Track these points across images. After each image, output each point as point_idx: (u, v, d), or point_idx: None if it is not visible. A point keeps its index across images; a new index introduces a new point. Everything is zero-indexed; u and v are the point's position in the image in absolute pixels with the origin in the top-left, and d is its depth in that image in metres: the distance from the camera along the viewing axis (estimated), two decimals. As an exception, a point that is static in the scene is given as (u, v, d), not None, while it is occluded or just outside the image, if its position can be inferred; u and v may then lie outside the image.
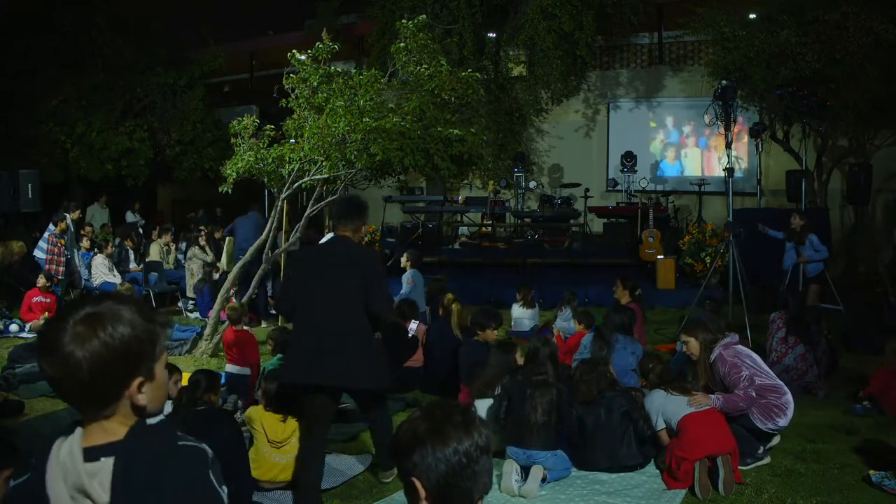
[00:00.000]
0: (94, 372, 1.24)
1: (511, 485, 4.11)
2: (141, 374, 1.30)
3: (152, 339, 1.32)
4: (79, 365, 1.24)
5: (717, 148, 14.69)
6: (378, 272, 3.81)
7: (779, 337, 6.10)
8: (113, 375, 1.26)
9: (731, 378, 4.43)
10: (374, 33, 14.32)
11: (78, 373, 1.24)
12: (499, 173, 14.36)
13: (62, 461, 1.28)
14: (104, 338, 1.25)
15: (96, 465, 1.27)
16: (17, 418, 5.36)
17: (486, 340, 5.52)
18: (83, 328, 1.25)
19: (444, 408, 1.41)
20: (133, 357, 1.28)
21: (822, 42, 10.65)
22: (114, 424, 1.30)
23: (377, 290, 3.66)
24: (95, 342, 1.24)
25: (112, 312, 1.28)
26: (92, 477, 1.26)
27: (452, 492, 1.34)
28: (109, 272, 9.57)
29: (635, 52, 15.96)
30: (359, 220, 3.89)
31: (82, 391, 1.27)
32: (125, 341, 1.27)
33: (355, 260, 3.73)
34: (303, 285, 3.76)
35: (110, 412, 1.29)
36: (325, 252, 3.91)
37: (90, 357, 1.24)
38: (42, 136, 12.62)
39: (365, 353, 3.69)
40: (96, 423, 1.30)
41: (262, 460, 4.04)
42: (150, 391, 1.32)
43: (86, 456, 1.28)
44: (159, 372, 1.35)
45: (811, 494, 3.97)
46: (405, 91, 7.25)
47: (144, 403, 1.31)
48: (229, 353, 6.07)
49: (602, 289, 9.52)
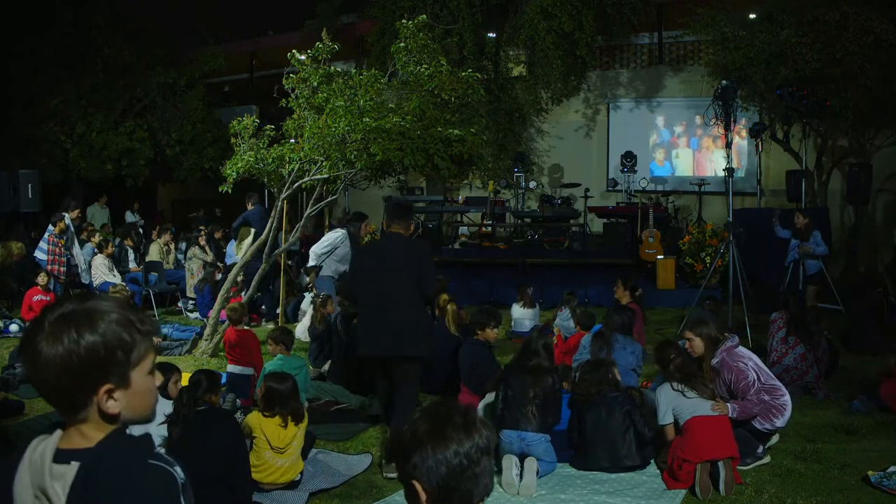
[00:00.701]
0: (59, 375, 1.23)
1: (512, 479, 4.12)
2: (110, 382, 1.26)
3: (125, 346, 1.27)
4: (46, 366, 1.23)
5: (708, 149, 14.71)
6: (428, 260, 4.57)
7: (779, 337, 6.10)
8: (77, 380, 1.24)
9: (739, 385, 4.41)
10: (374, 33, 14.31)
11: (45, 373, 1.23)
12: (499, 173, 14.35)
13: (34, 459, 1.27)
14: (68, 343, 1.23)
15: (64, 467, 1.25)
16: (17, 418, 5.37)
17: (487, 340, 5.52)
18: (54, 329, 1.24)
19: (445, 409, 1.40)
20: (99, 364, 1.24)
21: (822, 42, 10.65)
22: (91, 430, 1.28)
23: (429, 275, 4.42)
24: (60, 347, 1.22)
25: (85, 316, 1.25)
26: (55, 479, 1.24)
27: (453, 494, 1.33)
28: (109, 272, 9.56)
29: (635, 52, 15.96)
30: (409, 220, 4.64)
31: (51, 392, 1.26)
32: (90, 347, 1.23)
33: (410, 251, 4.45)
34: (367, 274, 4.48)
35: (83, 417, 1.27)
36: (384, 246, 4.69)
37: (55, 359, 1.22)
38: (42, 136, 12.62)
39: (418, 327, 4.42)
40: (74, 426, 1.28)
41: (264, 465, 4.03)
42: (124, 399, 1.28)
43: (57, 457, 1.26)
44: (138, 379, 1.30)
45: (811, 494, 3.97)
46: (405, 91, 7.24)
47: (115, 411, 1.27)
48: (231, 353, 6.06)
49: (602, 289, 9.52)
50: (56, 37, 12.86)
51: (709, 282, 8.59)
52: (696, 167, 14.96)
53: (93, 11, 13.40)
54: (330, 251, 7.72)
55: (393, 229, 4.55)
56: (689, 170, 14.98)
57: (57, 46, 12.84)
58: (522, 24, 13.50)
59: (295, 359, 5.57)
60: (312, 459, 4.45)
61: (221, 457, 3.57)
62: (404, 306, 4.33)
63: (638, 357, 5.63)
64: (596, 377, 4.54)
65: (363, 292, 4.50)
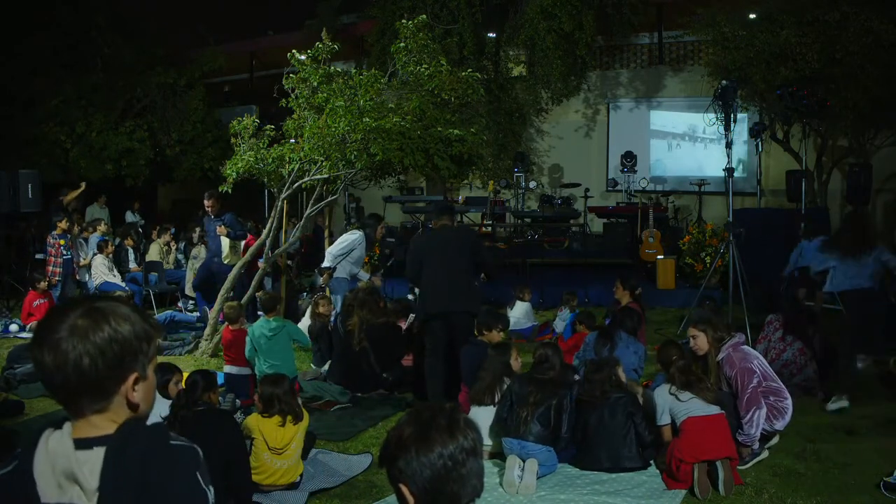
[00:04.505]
0: (95, 363, 1.27)
1: (513, 478, 4.12)
2: (137, 371, 1.33)
3: (149, 338, 1.36)
4: (80, 357, 1.26)
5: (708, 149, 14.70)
6: (477, 239, 6.16)
7: (777, 336, 6.12)
8: (112, 368, 1.29)
9: (741, 383, 4.40)
10: (374, 33, 14.32)
11: (80, 361, 1.26)
12: (499, 173, 14.36)
13: (51, 449, 1.30)
14: (108, 331, 1.29)
15: (88, 452, 1.29)
16: (17, 418, 5.37)
17: (490, 342, 5.49)
18: (87, 321, 1.29)
19: (429, 412, 1.40)
20: (132, 352, 1.32)
21: (822, 42, 10.65)
22: (103, 421, 1.32)
23: (481, 250, 5.79)
24: (100, 335, 1.28)
25: (114, 309, 1.33)
26: (82, 464, 1.28)
27: (440, 497, 1.33)
28: (109, 272, 9.56)
29: (635, 52, 15.96)
30: (452, 215, 6.00)
31: (80, 383, 1.28)
32: (128, 337, 1.31)
33: (459, 236, 5.77)
34: (425, 256, 5.55)
35: (102, 407, 1.31)
36: (439, 235, 5.70)
37: (93, 349, 1.27)
38: (42, 136, 12.60)
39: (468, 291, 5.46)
40: (84, 419, 1.32)
41: (263, 466, 4.02)
42: (142, 390, 1.35)
43: (77, 445, 1.30)
44: (150, 373, 1.38)
45: (811, 494, 3.97)
46: (405, 91, 7.24)
47: (138, 401, 1.34)
48: (228, 353, 6.07)
49: (602, 289, 9.52)
50: (56, 37, 12.84)
51: (709, 282, 8.59)
52: (696, 167, 14.96)
53: (93, 11, 13.36)
54: (347, 252, 7.48)
55: (442, 222, 5.71)
56: (689, 170, 14.97)
57: (57, 46, 12.82)
58: (522, 24, 13.50)
59: (277, 320, 5.93)
60: (312, 459, 4.45)
61: (221, 457, 3.57)
62: (458, 274, 5.42)
63: (640, 357, 5.63)
64: (600, 378, 4.54)
65: (426, 270, 5.51)
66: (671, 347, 4.92)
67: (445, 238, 5.62)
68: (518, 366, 4.89)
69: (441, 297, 5.44)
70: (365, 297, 6.34)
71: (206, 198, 8.27)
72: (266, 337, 5.74)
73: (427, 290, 5.63)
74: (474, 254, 5.53)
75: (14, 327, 8.28)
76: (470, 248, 5.55)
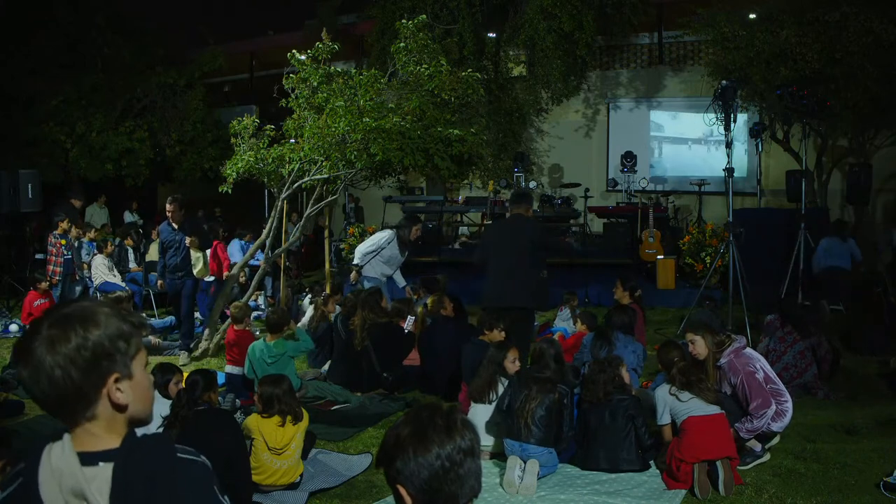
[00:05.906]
0: (69, 372, 1.25)
1: (513, 478, 4.12)
2: (117, 371, 1.30)
3: (125, 336, 1.31)
4: (54, 366, 1.24)
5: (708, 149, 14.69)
6: (542, 230, 6.19)
7: (777, 336, 6.11)
8: (87, 374, 1.26)
9: (748, 389, 4.39)
10: (374, 33, 14.31)
11: (53, 374, 1.25)
12: (499, 173, 14.34)
13: (55, 466, 1.27)
14: (76, 339, 1.26)
15: (94, 469, 1.27)
16: (17, 418, 5.37)
17: (492, 342, 5.48)
18: (55, 332, 1.26)
19: (427, 412, 1.40)
20: (106, 355, 1.28)
21: (822, 42, 10.64)
22: (100, 429, 1.30)
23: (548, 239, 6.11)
24: (68, 344, 1.25)
25: (84, 313, 1.29)
26: (90, 481, 1.26)
27: (437, 497, 1.33)
28: (109, 272, 9.56)
29: (635, 52, 15.95)
30: (528, 203, 5.95)
31: (60, 394, 1.26)
32: (97, 341, 1.27)
33: (526, 226, 5.68)
34: (494, 244, 5.68)
35: (91, 414, 1.29)
36: (509, 223, 5.96)
37: (65, 357, 1.25)
38: (42, 136, 12.61)
39: (532, 285, 5.48)
40: (81, 427, 1.30)
41: (262, 466, 4.03)
42: (129, 389, 1.31)
43: (82, 460, 1.27)
44: (138, 370, 1.34)
45: (811, 494, 3.97)
46: (405, 91, 7.24)
47: (125, 402, 1.31)
48: (230, 353, 6.06)
49: (602, 289, 9.52)
50: (56, 37, 12.84)
51: (709, 282, 8.58)
52: (696, 167, 14.95)
53: (93, 11, 13.37)
54: (375, 252, 7.29)
55: (515, 211, 5.79)
56: (689, 170, 14.96)
57: (57, 46, 12.82)
58: (522, 24, 13.49)
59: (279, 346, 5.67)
60: (312, 459, 4.45)
61: (221, 456, 3.56)
62: (522, 269, 5.43)
63: (639, 356, 5.63)
64: (604, 378, 4.53)
65: (492, 258, 5.59)
66: (672, 348, 4.87)
67: (514, 229, 5.69)
68: (516, 368, 4.88)
69: (501, 290, 5.51)
70: (367, 297, 6.34)
71: (168, 202, 7.65)
72: (266, 363, 5.60)
73: (489, 280, 5.67)
74: (537, 247, 5.54)
75: (14, 327, 8.27)
76: (531, 241, 5.51)
